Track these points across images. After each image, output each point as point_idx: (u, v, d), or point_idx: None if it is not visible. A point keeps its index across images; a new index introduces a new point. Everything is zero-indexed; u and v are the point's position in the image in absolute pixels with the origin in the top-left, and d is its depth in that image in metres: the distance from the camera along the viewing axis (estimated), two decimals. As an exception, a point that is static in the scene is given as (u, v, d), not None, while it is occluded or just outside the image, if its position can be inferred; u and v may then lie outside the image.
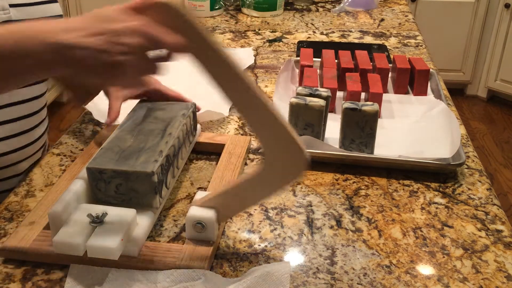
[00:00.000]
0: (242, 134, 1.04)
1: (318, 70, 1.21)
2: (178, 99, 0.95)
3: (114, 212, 0.70)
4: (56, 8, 0.97)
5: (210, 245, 0.73)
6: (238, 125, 1.08)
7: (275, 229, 0.79)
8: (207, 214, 0.72)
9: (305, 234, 0.78)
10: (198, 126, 0.97)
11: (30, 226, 0.75)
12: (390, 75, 1.23)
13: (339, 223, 0.81)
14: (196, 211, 0.73)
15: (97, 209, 0.71)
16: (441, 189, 0.89)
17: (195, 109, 0.93)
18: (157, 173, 0.74)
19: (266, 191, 0.73)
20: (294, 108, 0.95)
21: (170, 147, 0.79)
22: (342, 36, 1.59)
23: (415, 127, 1.05)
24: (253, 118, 0.67)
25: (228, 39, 1.56)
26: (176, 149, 0.83)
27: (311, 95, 0.99)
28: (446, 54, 3.16)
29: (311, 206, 0.84)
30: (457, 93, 3.31)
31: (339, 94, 1.17)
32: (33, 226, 0.75)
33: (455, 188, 0.89)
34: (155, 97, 0.96)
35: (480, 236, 0.79)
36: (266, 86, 1.25)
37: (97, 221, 0.69)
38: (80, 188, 0.74)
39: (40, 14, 0.92)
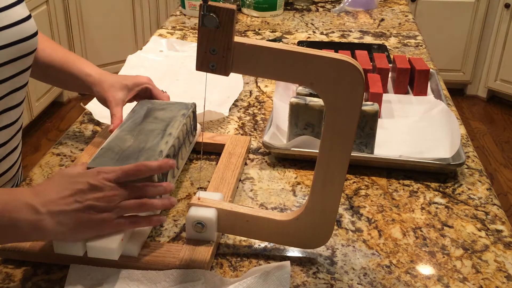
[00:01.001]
0: (242, 134, 1.04)
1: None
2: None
3: None
4: (31, 25, 0.86)
5: (210, 245, 0.73)
6: (238, 125, 1.08)
7: (275, 229, 0.79)
8: (207, 214, 0.72)
9: (305, 234, 0.78)
10: (198, 126, 0.97)
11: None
12: (390, 75, 1.23)
13: (339, 223, 0.81)
14: (196, 211, 0.73)
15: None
16: (441, 189, 0.89)
17: (195, 109, 0.93)
18: (157, 174, 0.73)
19: (279, 239, 0.74)
20: (294, 108, 0.95)
21: (170, 147, 0.79)
22: (342, 36, 1.59)
23: (415, 127, 1.05)
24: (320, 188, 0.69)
25: (228, 39, 1.56)
26: (176, 149, 0.83)
27: (311, 95, 0.99)
28: (446, 54, 3.16)
29: (311, 206, 0.84)
30: (457, 93, 3.31)
31: (339, 94, 1.16)
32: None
33: (455, 188, 0.89)
34: (145, 96, 0.96)
35: (480, 236, 0.78)
36: (266, 86, 1.25)
37: None
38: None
39: (19, 36, 0.83)
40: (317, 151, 0.66)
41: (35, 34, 0.87)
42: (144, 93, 0.96)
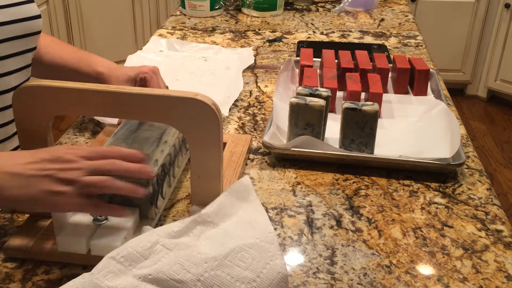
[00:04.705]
0: (242, 134, 1.04)
1: (318, 70, 1.21)
2: None
3: None
4: (33, 8, 0.93)
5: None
6: (238, 125, 1.08)
7: (275, 229, 0.79)
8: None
9: (305, 234, 0.78)
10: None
11: (34, 224, 0.75)
12: (390, 75, 1.23)
13: (339, 223, 0.81)
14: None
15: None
16: (441, 189, 0.89)
17: None
18: (152, 184, 0.72)
19: None
20: (294, 108, 0.95)
21: (165, 156, 0.77)
22: (342, 36, 1.59)
23: (415, 127, 1.05)
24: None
25: (228, 39, 1.56)
26: (172, 157, 0.81)
27: (311, 95, 0.99)
28: (446, 54, 3.16)
29: (311, 206, 0.84)
30: (457, 93, 3.31)
31: (339, 94, 1.17)
32: (37, 225, 0.75)
33: (455, 188, 0.89)
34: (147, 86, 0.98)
35: (480, 236, 0.79)
36: (266, 86, 1.25)
37: (101, 219, 0.69)
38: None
39: (21, 15, 0.90)
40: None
41: (38, 16, 0.93)
42: (145, 83, 0.98)
